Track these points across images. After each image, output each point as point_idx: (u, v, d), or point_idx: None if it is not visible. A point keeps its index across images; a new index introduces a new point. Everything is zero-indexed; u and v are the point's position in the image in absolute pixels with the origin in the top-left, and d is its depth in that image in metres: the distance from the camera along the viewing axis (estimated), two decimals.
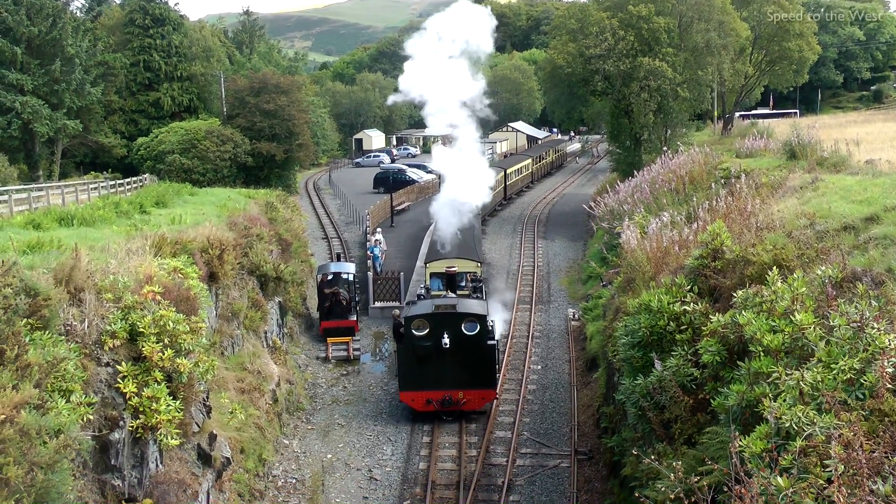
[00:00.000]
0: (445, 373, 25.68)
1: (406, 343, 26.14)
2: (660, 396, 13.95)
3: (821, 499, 6.73)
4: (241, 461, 20.54)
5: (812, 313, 10.26)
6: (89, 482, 12.68)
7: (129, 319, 13.87)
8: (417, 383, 25.94)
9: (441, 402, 25.64)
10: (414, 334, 25.85)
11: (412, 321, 26.03)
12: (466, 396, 25.71)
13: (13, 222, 21.51)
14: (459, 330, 25.59)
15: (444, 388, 25.67)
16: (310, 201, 69.57)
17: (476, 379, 25.83)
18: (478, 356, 25.73)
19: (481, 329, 25.75)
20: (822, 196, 18.99)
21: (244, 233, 28.28)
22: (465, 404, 25.77)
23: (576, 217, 56.72)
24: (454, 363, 25.63)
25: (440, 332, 25.43)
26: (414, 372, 26.00)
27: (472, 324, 25.74)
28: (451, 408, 25.70)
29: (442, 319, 25.81)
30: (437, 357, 25.65)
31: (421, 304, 27.67)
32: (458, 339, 25.47)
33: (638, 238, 24.26)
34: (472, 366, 25.72)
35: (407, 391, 26.22)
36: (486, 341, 25.78)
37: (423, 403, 25.87)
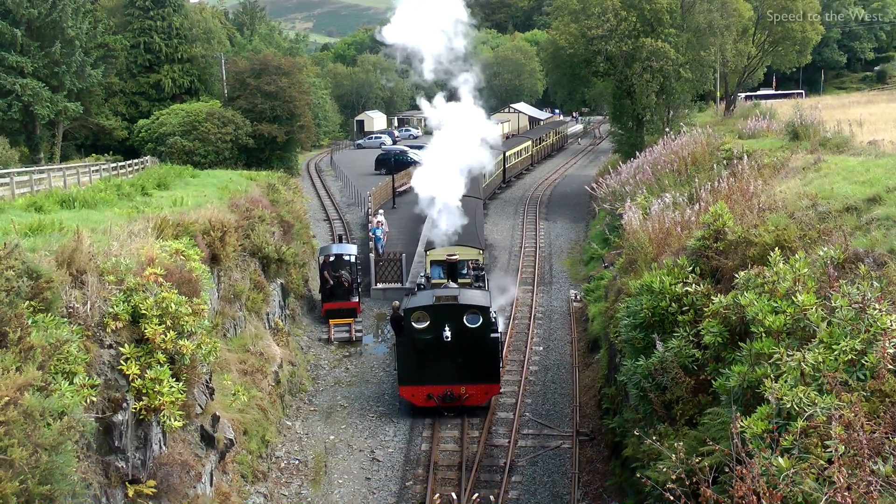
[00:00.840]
0: (447, 367, 24.80)
1: (405, 336, 25.15)
2: (661, 377, 13.98)
3: (821, 479, 6.75)
4: (244, 443, 20.62)
5: (814, 294, 10.27)
6: (93, 463, 12.74)
7: (131, 301, 13.89)
8: (417, 377, 25.05)
9: (442, 397, 24.78)
10: (414, 327, 24.92)
11: (412, 313, 25.09)
12: (469, 391, 24.86)
13: (15, 205, 21.49)
14: (461, 322, 24.69)
15: (446, 382, 24.80)
16: (311, 183, 69.49)
17: (478, 373, 24.92)
18: (480, 350, 24.80)
19: (484, 321, 24.83)
20: (824, 177, 18.96)
21: (246, 215, 28.26)
22: (467, 399, 24.90)
23: (578, 198, 56.68)
24: (456, 357, 24.77)
25: (441, 325, 24.50)
26: (414, 366, 25.08)
27: (475, 316, 24.88)
28: (453, 403, 24.86)
29: (443, 311, 24.87)
30: (437, 350, 24.71)
31: (421, 295, 26.57)
32: (459, 331, 24.56)
33: (640, 219, 24.25)
34: (475, 360, 24.81)
35: (406, 385, 25.31)
36: (489, 334, 24.89)
37: (423, 398, 25.04)
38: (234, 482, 18.94)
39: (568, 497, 20.96)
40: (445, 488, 21.21)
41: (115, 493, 13.24)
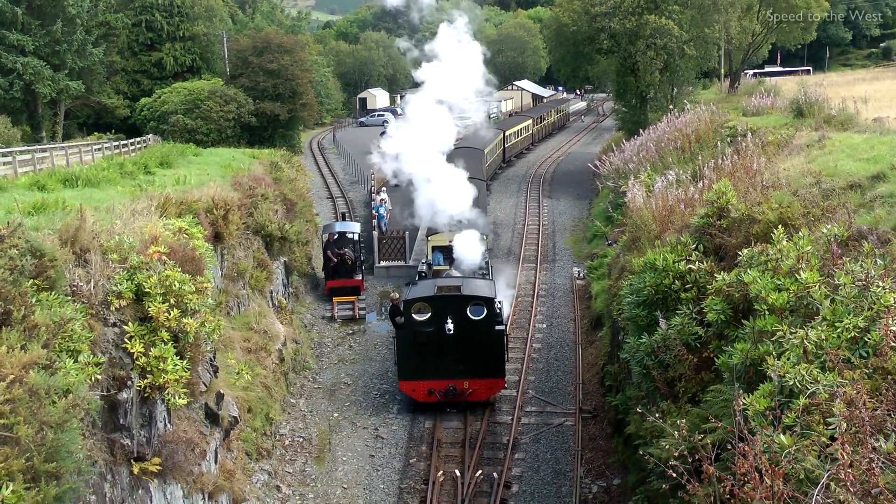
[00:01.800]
0: (449, 361, 23.67)
1: (406, 328, 24.00)
2: (664, 355, 14.00)
3: (823, 456, 6.77)
4: (248, 420, 20.72)
5: (817, 272, 10.25)
6: (98, 441, 12.80)
7: (135, 280, 13.90)
8: (418, 372, 23.95)
9: (444, 392, 23.77)
10: (414, 319, 23.76)
11: (412, 304, 23.92)
12: (472, 386, 23.79)
13: (18, 183, 21.49)
14: (464, 314, 23.55)
15: (448, 377, 23.70)
16: (314, 161, 69.40)
17: (483, 367, 23.76)
18: (485, 343, 23.67)
19: (488, 313, 23.65)
20: (828, 154, 18.90)
21: (249, 193, 28.25)
22: (470, 395, 23.87)
23: (581, 176, 56.58)
24: (459, 350, 23.66)
25: (443, 317, 23.41)
26: (414, 360, 23.93)
27: (479, 307, 23.66)
28: (456, 398, 23.86)
29: (445, 303, 23.70)
30: (439, 344, 23.57)
31: (422, 285, 25.31)
32: (462, 324, 23.43)
33: (643, 197, 24.23)
34: (479, 353, 23.71)
35: (407, 380, 24.24)
36: (493, 327, 23.75)
37: (424, 394, 24.01)
38: (238, 460, 19.05)
39: (571, 474, 21.06)
40: (449, 465, 21.34)
41: (120, 470, 13.31)
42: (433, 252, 30.60)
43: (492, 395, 24.24)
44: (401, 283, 35.81)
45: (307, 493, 20.78)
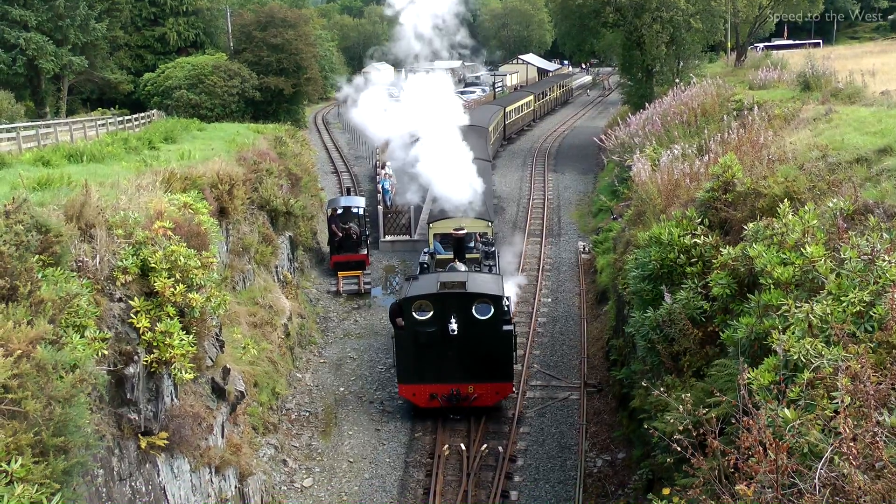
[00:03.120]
0: (453, 363, 22.01)
1: (406, 328, 22.17)
2: (669, 329, 14.02)
3: (827, 430, 6.79)
4: (254, 395, 20.82)
5: (823, 246, 10.23)
6: (106, 416, 12.88)
7: (140, 255, 13.92)
8: (419, 375, 22.25)
9: (448, 397, 22.16)
10: (415, 318, 21.94)
11: (413, 303, 22.04)
12: (478, 391, 22.14)
13: (22, 159, 21.49)
14: (469, 313, 21.74)
15: (452, 381, 22.08)
16: (319, 136, 69.25)
17: (489, 371, 22.09)
18: (492, 344, 21.91)
19: (496, 312, 21.81)
20: (835, 128, 18.82)
21: (253, 168, 28.22)
22: (476, 400, 22.23)
23: (586, 150, 56.38)
24: (463, 352, 21.88)
25: (446, 316, 21.56)
26: (415, 362, 22.24)
27: (485, 306, 21.83)
28: (460, 404, 22.23)
29: (448, 301, 21.81)
30: (442, 345, 21.84)
31: (423, 281, 23.32)
32: (467, 323, 21.62)
33: (649, 171, 24.16)
34: (485, 355, 21.96)
35: (407, 384, 22.57)
36: (501, 326, 21.97)
37: (426, 399, 22.39)
38: (245, 434, 19.16)
39: (575, 448, 21.16)
40: (454, 439, 21.46)
41: (127, 444, 13.40)
42: (435, 240, 29.03)
43: (499, 400, 22.69)
44: (406, 257, 35.89)
45: (313, 466, 20.92)
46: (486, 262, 27.22)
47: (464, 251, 26.07)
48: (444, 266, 26.24)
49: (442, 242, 28.45)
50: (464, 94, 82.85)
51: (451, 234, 26.47)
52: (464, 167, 29.48)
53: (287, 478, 20.31)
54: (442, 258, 27.57)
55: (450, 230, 26.85)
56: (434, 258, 27.77)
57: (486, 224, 29.13)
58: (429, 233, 29.63)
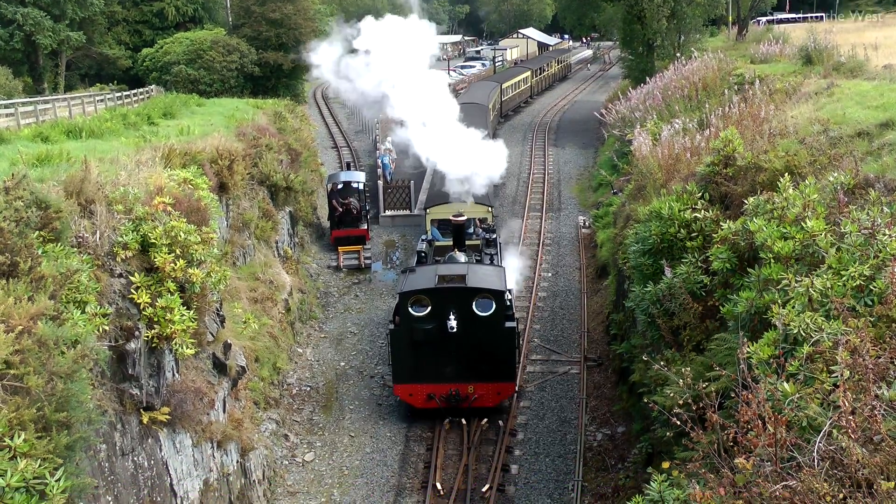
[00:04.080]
0: (451, 362, 20.85)
1: (402, 324, 20.90)
2: (669, 303, 14.05)
3: (826, 404, 6.81)
4: (255, 370, 20.89)
5: (823, 220, 10.23)
6: (108, 391, 12.93)
7: (140, 231, 13.92)
8: (416, 375, 21.04)
9: (446, 397, 21.00)
10: (412, 314, 20.67)
11: (409, 298, 20.75)
12: (478, 391, 20.97)
13: (21, 135, 21.42)
14: (470, 309, 20.50)
15: (450, 380, 20.93)
16: (318, 111, 69.00)
17: (490, 370, 20.88)
18: (493, 342, 20.68)
19: (498, 308, 20.54)
20: (836, 102, 18.74)
21: (253, 143, 28.15)
22: (476, 400, 21.07)
23: (587, 124, 56.23)
24: (463, 351, 20.75)
25: (445, 312, 20.26)
26: (412, 361, 20.98)
27: (487, 301, 20.57)
28: (460, 404, 21.07)
29: (447, 296, 20.53)
30: (440, 343, 20.60)
31: (420, 273, 21.97)
32: (467, 320, 20.39)
33: (649, 145, 24.11)
34: (486, 354, 20.72)
35: (402, 384, 21.33)
36: (503, 323, 20.72)
37: (423, 399, 21.23)
38: (246, 409, 19.25)
39: (575, 422, 21.26)
40: (455, 413, 21.52)
41: (130, 419, 13.46)
42: (433, 226, 27.72)
43: (500, 400, 21.50)
44: (406, 232, 35.87)
45: (315, 441, 21.04)
46: (488, 250, 25.90)
47: (463, 239, 24.97)
48: (442, 254, 25.27)
49: (440, 228, 27.43)
50: (464, 68, 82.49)
51: (449, 220, 25.23)
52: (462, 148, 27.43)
53: (288, 452, 20.43)
54: (440, 245, 26.51)
55: (448, 216, 25.65)
56: (432, 245, 26.65)
57: (487, 209, 28.02)
58: (426, 219, 28.33)
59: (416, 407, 21.44)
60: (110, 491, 12.93)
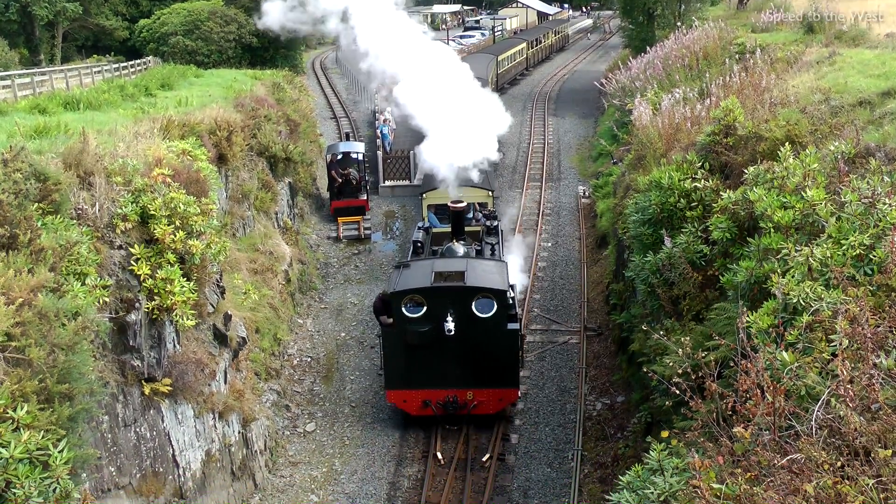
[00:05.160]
0: (449, 367, 19.29)
1: (395, 326, 19.28)
2: (669, 273, 14.07)
3: (824, 373, 6.84)
4: (256, 341, 20.96)
5: (823, 189, 10.21)
6: (109, 363, 12.99)
7: (139, 202, 13.92)
8: (410, 380, 19.51)
9: (443, 404, 19.47)
10: (405, 315, 19.04)
11: (402, 297, 19.06)
12: (478, 398, 19.47)
13: (18, 107, 21.33)
14: (469, 310, 18.86)
15: (448, 386, 19.40)
16: (317, 81, 68.62)
17: (491, 375, 19.34)
18: (494, 346, 19.08)
19: (499, 309, 18.87)
20: (838, 71, 18.64)
21: (252, 114, 28.06)
22: (475, 408, 19.59)
23: (587, 94, 55.96)
24: (461, 354, 19.15)
25: (442, 313, 18.65)
26: (405, 365, 19.43)
27: (487, 301, 18.90)
28: (458, 412, 19.57)
29: (444, 295, 18.91)
30: (437, 346, 19.02)
31: (415, 269, 20.12)
32: (466, 322, 18.79)
33: (650, 115, 24.02)
34: (486, 359, 19.20)
35: (395, 390, 19.73)
36: (505, 325, 19.11)
37: (418, 406, 19.66)
38: (247, 380, 19.33)
39: (575, 391, 21.35)
40: None
41: (131, 391, 13.54)
42: (429, 212, 26.23)
43: (502, 407, 19.97)
44: (406, 202, 35.81)
45: (316, 411, 21.14)
46: (488, 239, 24.25)
47: (462, 227, 23.20)
48: (440, 242, 23.83)
49: (437, 213, 26.03)
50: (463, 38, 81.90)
51: (447, 206, 23.46)
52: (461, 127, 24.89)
53: (290, 423, 20.54)
54: (438, 232, 25.04)
55: (445, 201, 24.04)
56: (430, 234, 25.10)
57: (487, 194, 26.51)
58: (422, 204, 26.76)
59: (411, 414, 19.98)
60: (113, 462, 13.03)
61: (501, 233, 25.48)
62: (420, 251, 23.41)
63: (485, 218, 25.50)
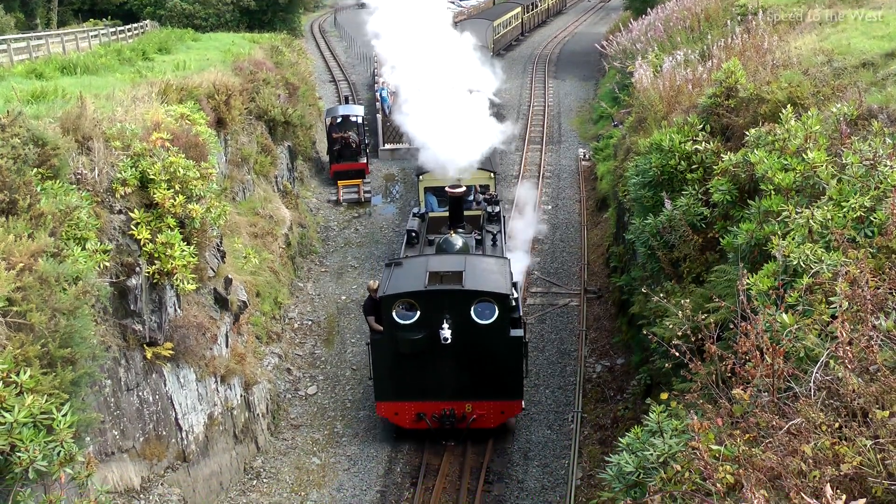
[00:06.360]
0: (445, 377, 17.49)
1: (384, 333, 17.32)
2: (669, 236, 14.07)
3: (824, 335, 6.86)
4: (257, 304, 21.01)
5: (825, 151, 10.18)
6: (111, 327, 13.03)
7: (139, 167, 13.89)
8: (402, 391, 17.73)
9: (439, 417, 17.79)
10: (397, 321, 17.11)
11: (394, 302, 17.15)
12: (477, 410, 17.74)
13: (14, 72, 21.22)
14: (468, 316, 16.94)
15: (444, 398, 17.67)
16: (316, 44, 68.14)
17: (492, 386, 17.53)
18: (495, 354, 17.22)
19: (501, 314, 16.94)
20: (841, 32, 18.49)
21: (250, 78, 27.89)
22: (474, 421, 17.86)
23: (587, 56, 55.57)
24: (459, 364, 17.36)
25: (437, 319, 16.74)
26: (397, 375, 17.66)
27: (488, 306, 16.98)
28: (456, 425, 17.90)
29: (439, 300, 16.96)
30: (432, 355, 17.21)
31: (407, 269, 18.16)
32: (465, 329, 16.87)
33: (651, 77, 23.84)
34: (487, 368, 17.38)
35: (386, 401, 17.96)
36: (507, 332, 17.18)
37: (411, 419, 17.97)
38: (249, 343, 19.41)
39: (575, 354, 21.45)
40: None
41: (133, 355, 13.60)
42: (426, 194, 24.49)
43: (504, 420, 18.25)
44: (405, 165, 35.68)
45: (317, 374, 21.26)
46: (490, 227, 22.54)
47: (461, 214, 21.83)
48: (437, 229, 22.30)
49: (436, 195, 24.37)
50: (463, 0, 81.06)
51: (446, 192, 21.89)
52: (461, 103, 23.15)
53: (291, 386, 20.66)
54: (436, 217, 23.47)
55: (444, 183, 22.50)
56: (426, 220, 23.28)
57: (489, 175, 24.61)
58: (418, 187, 24.89)
59: (404, 428, 18.29)
60: (116, 425, 13.14)
61: (504, 220, 23.61)
62: (415, 242, 21.74)
63: (486, 202, 23.80)
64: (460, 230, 21.12)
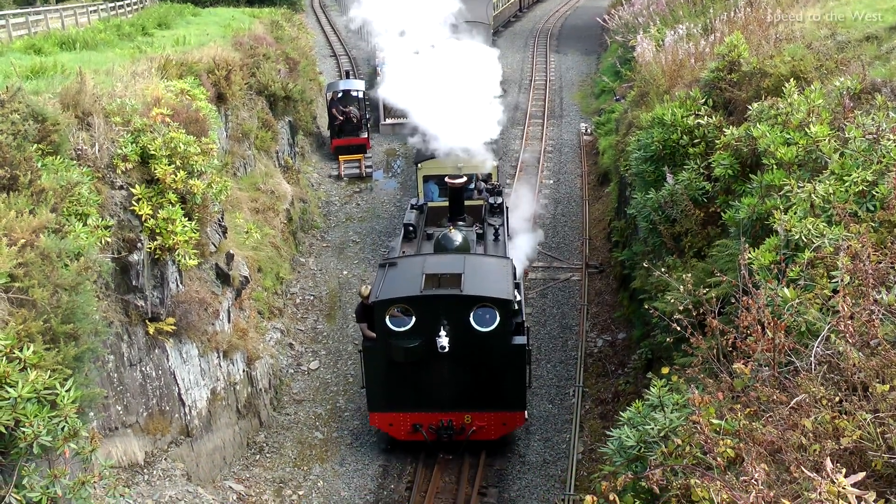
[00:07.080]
0: (443, 387, 16.42)
1: (377, 340, 16.30)
2: (671, 210, 14.07)
3: (825, 309, 6.86)
4: (259, 280, 21.04)
5: (827, 126, 10.14)
6: (113, 303, 13.05)
7: (139, 142, 13.85)
8: (397, 401, 16.67)
9: (436, 429, 16.70)
10: (390, 328, 16.01)
11: (386, 308, 15.97)
12: (477, 422, 16.65)
13: (13, 47, 21.11)
14: (467, 323, 15.79)
15: (441, 409, 16.60)
16: (316, 19, 67.73)
17: (493, 397, 16.47)
18: (497, 363, 16.16)
19: (502, 321, 15.80)
20: (845, 5, 18.36)
21: (250, 53, 27.77)
22: (474, 433, 16.73)
23: (589, 30, 55.21)
24: (458, 373, 16.25)
25: (434, 326, 15.63)
26: (391, 384, 16.61)
27: (488, 312, 15.82)
28: (456, 437, 16.76)
29: (436, 305, 15.85)
30: (429, 364, 16.11)
31: (402, 270, 16.92)
32: (464, 336, 15.75)
33: (653, 51, 23.77)
34: (488, 378, 16.29)
35: (380, 412, 16.94)
36: (509, 340, 16.08)
37: (406, 430, 16.89)
38: (251, 318, 19.46)
39: (577, 328, 21.48)
40: None
41: (136, 330, 13.63)
42: (425, 183, 23.31)
43: (506, 432, 17.14)
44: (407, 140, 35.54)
45: (319, 349, 21.32)
46: (492, 220, 21.27)
47: (462, 206, 20.89)
48: (437, 220, 21.31)
49: (437, 184, 23.11)
50: None
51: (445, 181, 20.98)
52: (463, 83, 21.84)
53: (293, 361, 20.73)
54: (435, 207, 22.17)
55: (445, 171, 21.68)
56: (424, 211, 21.91)
57: (491, 164, 23.30)
58: (417, 175, 23.71)
59: (398, 439, 17.25)
60: (119, 401, 13.19)
61: (507, 211, 22.17)
62: (412, 237, 20.41)
63: (488, 193, 22.45)
64: (461, 223, 20.24)
